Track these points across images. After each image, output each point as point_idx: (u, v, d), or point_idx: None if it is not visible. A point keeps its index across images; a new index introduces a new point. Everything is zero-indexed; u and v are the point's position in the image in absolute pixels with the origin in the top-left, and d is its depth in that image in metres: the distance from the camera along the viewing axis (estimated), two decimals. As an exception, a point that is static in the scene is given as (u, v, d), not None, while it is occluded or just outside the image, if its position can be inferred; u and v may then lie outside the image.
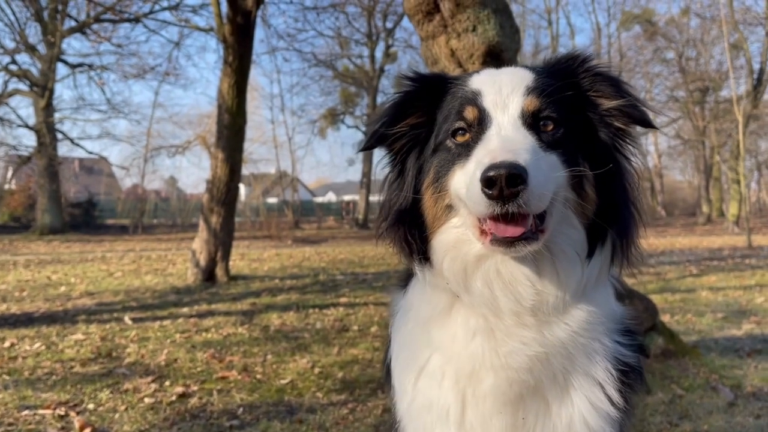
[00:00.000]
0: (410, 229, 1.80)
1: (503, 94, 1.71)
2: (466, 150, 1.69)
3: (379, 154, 2.00)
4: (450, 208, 1.73)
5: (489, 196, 1.48)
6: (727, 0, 28.65)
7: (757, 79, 29.60)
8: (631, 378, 1.76)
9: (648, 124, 1.79)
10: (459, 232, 1.72)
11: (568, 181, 1.64)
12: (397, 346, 1.94)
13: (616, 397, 1.71)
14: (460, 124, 1.74)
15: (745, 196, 26.09)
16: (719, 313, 8.48)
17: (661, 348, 5.81)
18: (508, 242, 1.55)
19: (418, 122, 1.88)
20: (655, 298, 7.30)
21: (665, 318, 7.67)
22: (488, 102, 1.72)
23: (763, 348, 6.50)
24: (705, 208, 42.00)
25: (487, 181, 1.46)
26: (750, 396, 4.94)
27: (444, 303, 1.80)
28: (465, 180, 1.62)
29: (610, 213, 1.70)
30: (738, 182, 29.68)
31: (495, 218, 1.55)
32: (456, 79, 1.88)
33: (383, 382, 2.03)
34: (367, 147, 1.95)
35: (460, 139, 1.73)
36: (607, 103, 1.78)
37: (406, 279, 2.01)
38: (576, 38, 50.81)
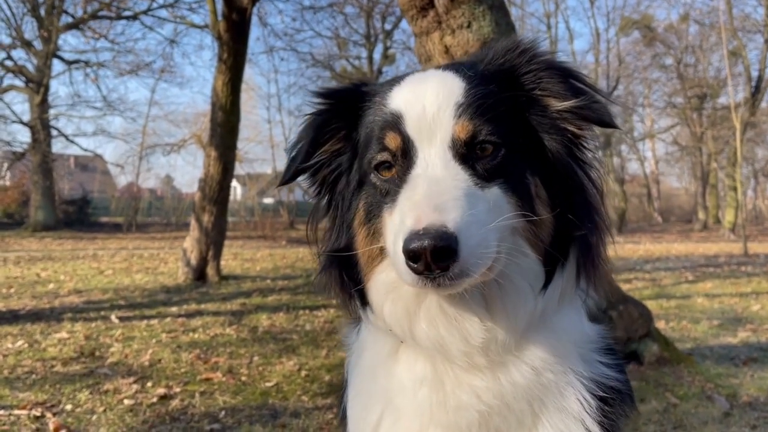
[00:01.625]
0: (345, 270, 1.60)
1: (428, 117, 1.47)
2: (393, 188, 1.48)
3: None
4: (385, 249, 1.51)
5: (414, 270, 1.27)
6: (726, 7, 28.66)
7: (756, 86, 29.55)
8: (614, 402, 1.55)
9: (608, 125, 1.53)
10: None
11: (516, 210, 1.43)
12: (351, 394, 1.73)
13: (596, 429, 1.49)
14: (384, 156, 1.52)
15: (741, 203, 26.06)
16: (715, 321, 8.37)
17: (656, 355, 5.69)
18: (437, 283, 1.30)
19: (339, 147, 1.68)
20: (650, 305, 7.17)
21: (660, 325, 7.55)
22: (412, 128, 1.48)
23: (759, 356, 6.38)
24: (701, 215, 42.02)
25: (411, 255, 1.25)
26: (746, 406, 4.82)
27: (389, 346, 1.61)
28: (392, 232, 1.40)
29: (569, 232, 1.48)
30: (735, 189, 29.65)
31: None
32: (375, 93, 1.64)
33: (339, 426, 1.88)
34: (285, 182, 1.74)
35: (385, 174, 1.52)
36: (557, 104, 1.53)
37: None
38: (575, 43, 50.95)
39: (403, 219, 1.34)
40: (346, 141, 1.67)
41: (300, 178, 1.73)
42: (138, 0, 26.14)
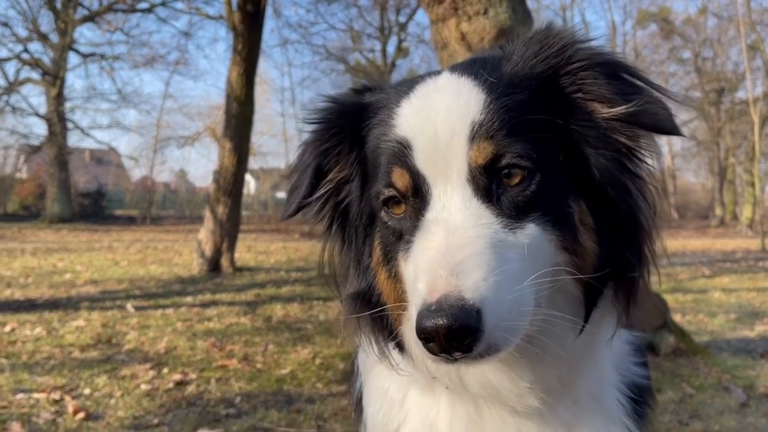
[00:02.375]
0: (373, 312, 1.40)
1: (441, 144, 1.23)
2: (407, 229, 1.28)
3: None
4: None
5: (431, 351, 1.08)
6: (744, 0, 28.28)
7: (774, 80, 29.20)
8: (644, 398, 1.50)
9: (669, 132, 1.28)
10: None
11: (557, 246, 1.23)
12: (370, 392, 1.59)
13: (634, 427, 1.44)
14: (391, 192, 1.31)
15: (759, 198, 25.81)
16: (732, 315, 8.29)
17: (672, 346, 5.65)
18: (464, 359, 1.11)
19: (345, 175, 1.47)
20: (667, 298, 7.10)
21: (676, 318, 7.49)
22: (421, 160, 1.25)
23: (777, 349, 6.32)
24: (718, 211, 41.58)
25: (424, 336, 1.06)
26: (763, 397, 4.78)
27: (426, 380, 1.43)
28: (411, 277, 1.23)
29: (617, 260, 1.27)
30: (752, 185, 29.36)
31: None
32: (380, 106, 1.42)
33: (354, 412, 1.73)
34: (289, 216, 1.53)
35: (396, 211, 1.32)
36: (604, 111, 1.26)
37: None
38: (591, 35, 50.47)
39: (416, 280, 1.15)
40: (354, 165, 1.46)
41: (304, 212, 1.52)
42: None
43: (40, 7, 30.94)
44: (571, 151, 1.27)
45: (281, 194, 46.54)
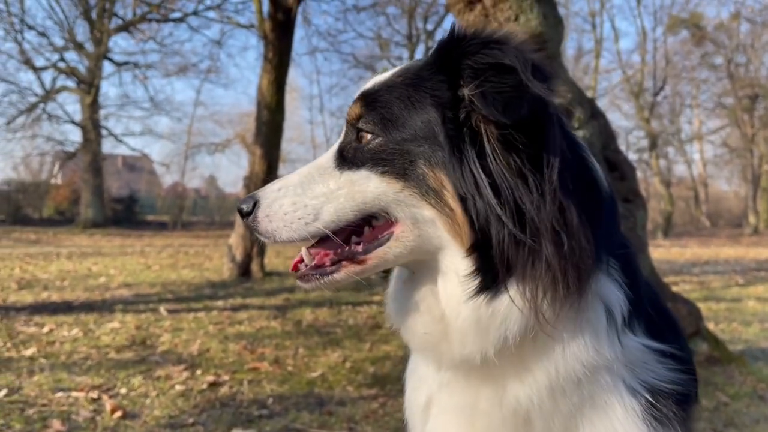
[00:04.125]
0: None
1: (350, 104, 1.57)
2: None
3: None
4: None
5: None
6: (779, 4, 27.77)
7: (810, 86, 28.59)
8: (669, 402, 1.44)
9: (499, 117, 1.28)
10: None
11: (410, 197, 1.38)
12: (408, 371, 1.81)
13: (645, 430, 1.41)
14: None
15: (794, 206, 25.20)
16: (767, 324, 8.14)
17: (705, 354, 5.58)
18: (295, 276, 1.54)
19: None
20: (700, 306, 7.01)
21: (710, 326, 7.38)
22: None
23: (814, 359, 6.20)
24: (752, 219, 40.73)
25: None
26: (800, 407, 4.70)
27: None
28: None
29: (490, 239, 1.32)
30: (787, 192, 28.68)
31: None
32: None
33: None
34: None
35: None
36: (467, 92, 1.35)
37: None
38: (620, 42, 50.02)
39: None
40: None
41: None
42: (185, 2, 26.72)
43: (76, 17, 31.75)
44: (434, 128, 1.38)
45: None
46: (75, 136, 44.35)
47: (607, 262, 1.43)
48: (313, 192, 1.47)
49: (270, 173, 12.75)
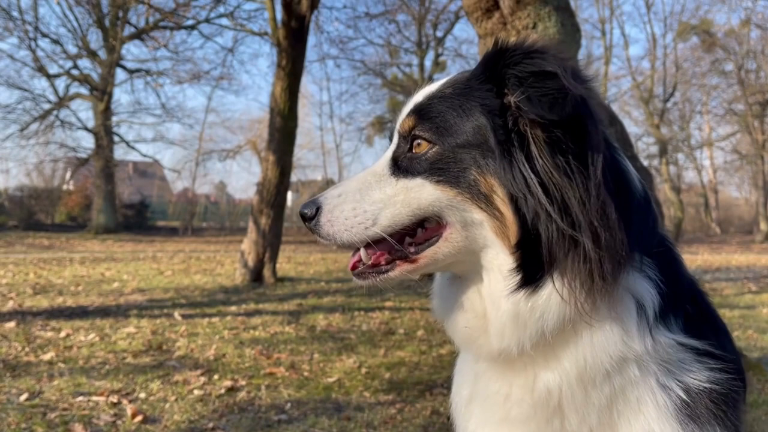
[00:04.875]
0: None
1: (402, 115, 1.65)
2: None
3: None
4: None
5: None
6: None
7: (822, 92, 28.40)
8: (704, 400, 1.44)
9: (544, 117, 1.37)
10: None
11: (462, 203, 1.46)
12: (456, 367, 1.88)
13: (676, 427, 1.42)
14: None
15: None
16: (782, 331, 8.11)
17: (722, 362, 5.55)
18: (353, 274, 1.62)
19: None
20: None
21: (724, 333, 7.36)
22: (397, 125, 1.67)
23: (831, 367, 6.16)
24: (763, 226, 40.43)
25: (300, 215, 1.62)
26: (820, 415, 4.68)
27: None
28: None
29: (537, 238, 1.40)
30: (800, 199, 28.47)
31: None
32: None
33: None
34: None
35: None
36: (510, 99, 1.44)
37: None
38: (630, 49, 49.87)
39: None
40: None
41: None
42: (198, 9, 26.91)
43: (89, 25, 32.01)
44: (485, 136, 1.47)
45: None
46: (87, 142, 44.66)
47: (641, 259, 1.48)
48: (371, 198, 1.55)
49: (283, 179, 12.83)
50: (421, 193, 1.52)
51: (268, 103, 13.33)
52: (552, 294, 1.39)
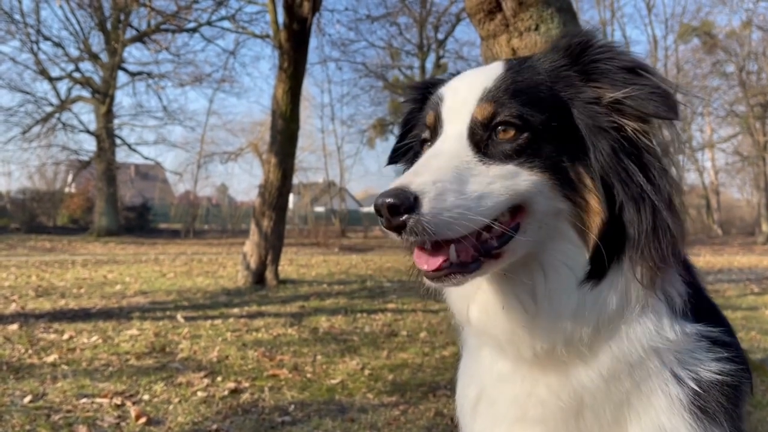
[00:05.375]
0: None
1: (459, 99, 1.56)
2: None
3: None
4: None
5: (383, 225, 1.35)
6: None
7: (824, 93, 28.39)
8: (717, 393, 1.46)
9: (667, 116, 1.45)
10: None
11: (551, 190, 1.45)
12: (460, 370, 1.87)
13: (695, 423, 1.44)
14: (425, 133, 1.65)
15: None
16: (785, 332, 8.09)
17: (726, 363, 5.55)
18: (431, 276, 1.40)
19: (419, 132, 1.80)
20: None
21: (727, 334, 7.35)
22: (445, 108, 1.58)
23: (835, 368, 6.15)
24: (765, 227, 40.37)
25: (375, 210, 1.35)
26: (824, 416, 4.67)
27: (473, 339, 1.73)
28: None
29: (622, 228, 1.43)
30: (802, 200, 28.44)
31: (416, 247, 1.43)
32: (440, 83, 1.75)
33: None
34: (389, 163, 1.92)
35: (426, 150, 1.61)
36: (609, 94, 1.47)
37: None
38: (631, 50, 49.82)
39: None
40: None
41: (398, 163, 1.89)
42: (200, 12, 26.98)
43: (91, 28, 32.18)
44: (575, 125, 1.49)
45: (319, 208, 47.01)
46: (89, 145, 44.70)
47: None
48: (470, 187, 1.41)
49: (284, 182, 12.84)
50: (517, 181, 1.44)
51: (270, 106, 13.36)
52: (617, 284, 1.43)
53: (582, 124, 1.48)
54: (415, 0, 34.15)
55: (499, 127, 1.47)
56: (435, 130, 1.59)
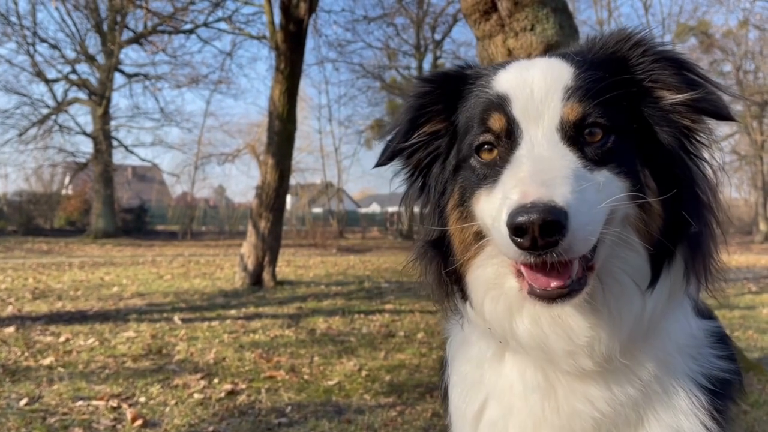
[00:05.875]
0: (441, 262, 1.57)
1: (536, 99, 1.43)
2: (493, 171, 1.44)
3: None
4: (480, 235, 1.48)
5: (519, 245, 1.22)
6: (788, 11, 27.71)
7: (820, 92, 28.45)
8: (724, 392, 1.50)
9: (724, 118, 1.46)
10: (497, 264, 1.47)
11: (630, 197, 1.40)
12: (453, 379, 1.75)
13: (708, 422, 1.45)
14: (486, 137, 1.48)
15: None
16: (782, 331, 8.10)
17: (723, 362, 5.55)
18: (549, 297, 1.30)
19: (437, 129, 1.65)
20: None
21: (725, 333, 7.36)
22: (518, 110, 1.44)
23: (832, 367, 6.15)
24: (762, 226, 40.46)
25: (517, 230, 1.20)
26: (820, 415, 4.67)
27: (494, 348, 1.60)
28: (491, 210, 1.38)
29: (680, 228, 1.41)
30: (798, 199, 28.49)
31: (529, 266, 1.31)
32: (479, 76, 1.60)
33: (441, 403, 1.88)
34: (382, 163, 1.69)
35: (485, 156, 1.48)
36: (670, 97, 1.46)
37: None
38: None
39: (507, 195, 1.29)
40: (446, 124, 1.64)
41: (395, 161, 1.71)
42: (197, 13, 26.96)
43: (87, 29, 32.15)
44: (640, 125, 1.47)
45: (317, 209, 46.98)
46: (86, 147, 44.65)
47: None
48: (592, 197, 1.30)
49: (282, 183, 12.82)
50: (611, 187, 1.37)
51: (267, 107, 13.36)
52: (668, 286, 1.43)
53: (653, 126, 1.47)
54: (411, 1, 34.22)
55: (588, 129, 1.41)
56: (508, 134, 1.45)
